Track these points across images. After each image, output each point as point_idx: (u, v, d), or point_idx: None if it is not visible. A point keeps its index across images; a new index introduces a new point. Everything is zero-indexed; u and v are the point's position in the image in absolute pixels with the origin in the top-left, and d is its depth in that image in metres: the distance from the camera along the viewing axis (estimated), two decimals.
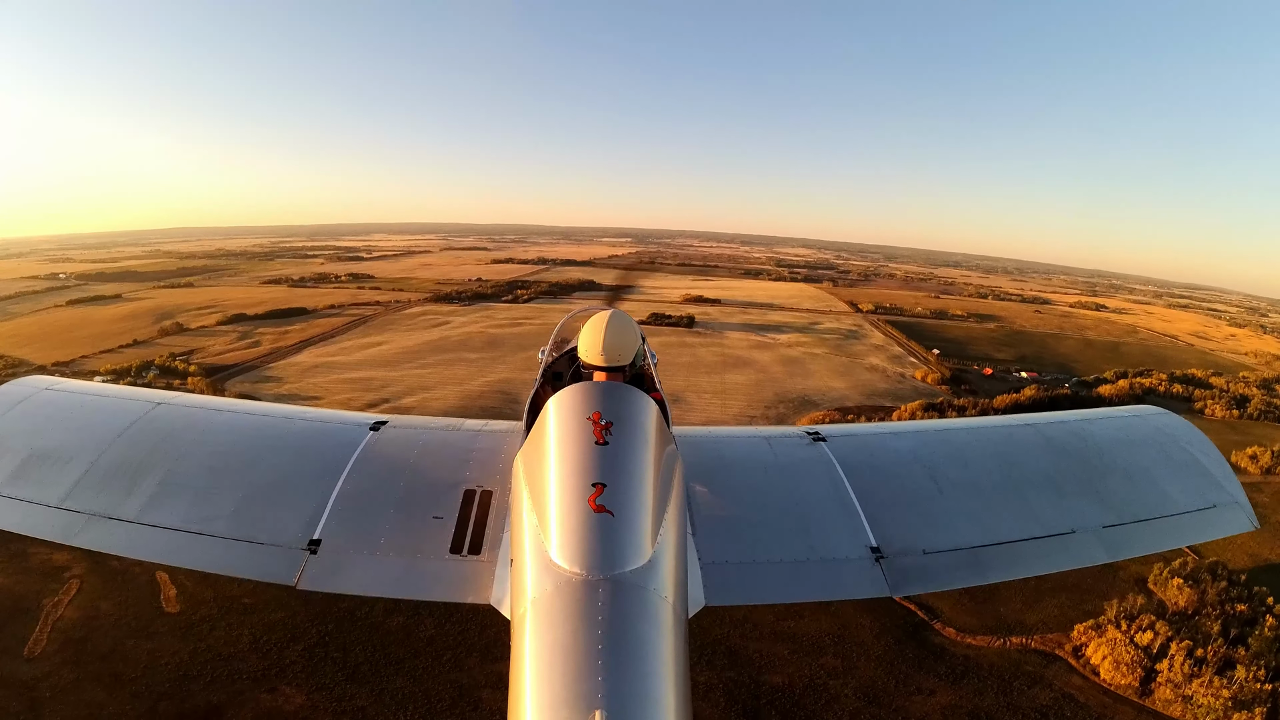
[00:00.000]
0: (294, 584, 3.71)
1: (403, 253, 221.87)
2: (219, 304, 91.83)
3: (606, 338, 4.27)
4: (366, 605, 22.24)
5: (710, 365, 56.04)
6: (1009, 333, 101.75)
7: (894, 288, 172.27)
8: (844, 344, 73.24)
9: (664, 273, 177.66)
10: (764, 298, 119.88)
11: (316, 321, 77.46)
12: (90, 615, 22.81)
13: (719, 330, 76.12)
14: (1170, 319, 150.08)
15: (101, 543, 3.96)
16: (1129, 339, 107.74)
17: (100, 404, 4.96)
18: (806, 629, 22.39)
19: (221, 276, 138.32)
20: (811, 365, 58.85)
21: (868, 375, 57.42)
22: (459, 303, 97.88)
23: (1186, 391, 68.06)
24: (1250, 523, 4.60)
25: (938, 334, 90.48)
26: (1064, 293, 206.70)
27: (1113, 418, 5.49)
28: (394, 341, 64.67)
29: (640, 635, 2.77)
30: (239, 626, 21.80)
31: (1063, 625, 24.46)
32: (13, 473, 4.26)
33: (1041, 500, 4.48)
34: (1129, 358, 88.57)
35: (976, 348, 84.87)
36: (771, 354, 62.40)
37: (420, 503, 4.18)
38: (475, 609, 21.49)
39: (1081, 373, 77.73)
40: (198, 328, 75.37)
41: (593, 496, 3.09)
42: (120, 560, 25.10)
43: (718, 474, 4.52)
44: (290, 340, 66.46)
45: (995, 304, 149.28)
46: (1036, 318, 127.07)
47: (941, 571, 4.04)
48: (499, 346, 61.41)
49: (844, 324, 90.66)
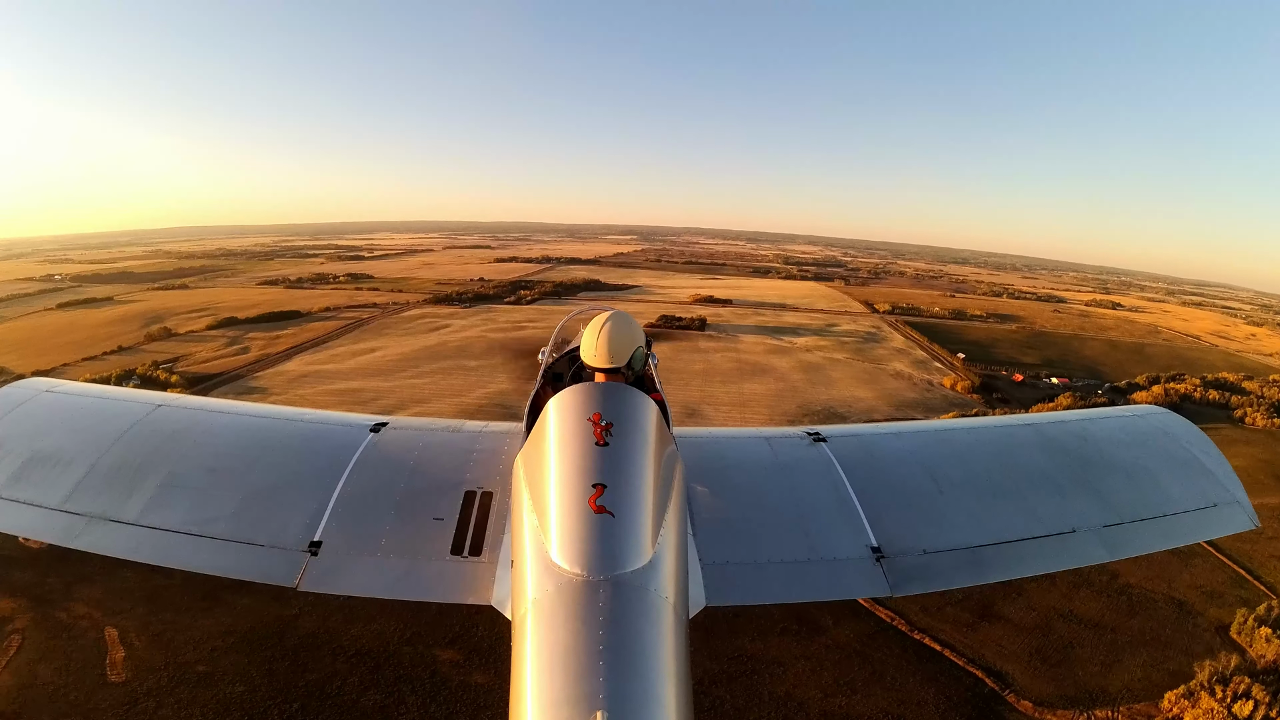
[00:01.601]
0: (295, 586, 3.71)
1: (405, 251, 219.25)
2: (212, 306, 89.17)
3: (607, 339, 4.22)
4: (338, 680, 18.86)
5: (726, 373, 52.48)
6: (1031, 334, 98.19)
7: (906, 286, 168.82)
8: (864, 348, 69.56)
9: (671, 271, 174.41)
10: (776, 297, 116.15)
11: (310, 325, 74.24)
12: (26, 683, 19.49)
13: (732, 333, 72.47)
14: (1188, 318, 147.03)
15: (102, 545, 3.95)
16: (1152, 340, 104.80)
17: (100, 406, 4.93)
18: (860, 708, 18.87)
19: (218, 277, 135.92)
20: (833, 372, 55.22)
21: (894, 383, 53.77)
22: (459, 304, 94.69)
23: (1223, 398, 64.35)
24: (1251, 522, 4.55)
25: (958, 336, 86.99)
26: (1077, 290, 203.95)
27: (1113, 417, 5.49)
28: (389, 348, 61.31)
29: (641, 636, 2.77)
30: (190, 703, 18.43)
31: (1150, 692, 20.93)
32: (13, 475, 4.25)
33: (1042, 500, 4.48)
34: (1156, 360, 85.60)
35: (1000, 351, 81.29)
36: (790, 360, 58.75)
37: (421, 504, 4.18)
38: (468, 685, 17.98)
39: (1111, 377, 75.94)
40: (186, 333, 72.56)
41: (593, 497, 3.09)
42: (69, 612, 22.07)
43: (718, 474, 4.51)
44: (281, 346, 63.24)
45: (1012, 303, 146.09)
46: (1056, 318, 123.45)
47: (942, 571, 4.01)
48: (499, 353, 58.04)
49: (862, 326, 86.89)
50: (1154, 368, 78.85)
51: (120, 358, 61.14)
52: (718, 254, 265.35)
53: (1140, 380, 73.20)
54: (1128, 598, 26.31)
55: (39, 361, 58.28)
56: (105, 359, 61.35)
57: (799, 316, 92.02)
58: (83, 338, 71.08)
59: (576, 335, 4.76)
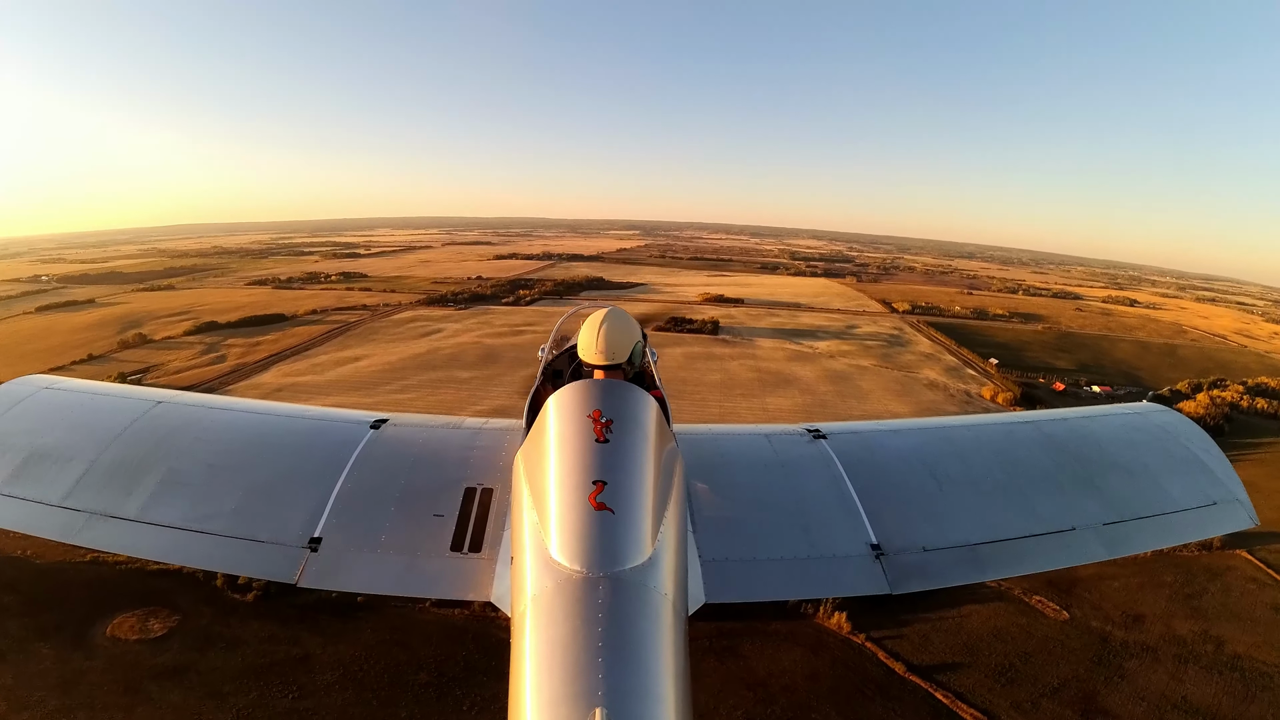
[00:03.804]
0: (294, 582, 3.70)
1: (403, 248, 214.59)
2: (194, 309, 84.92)
3: (604, 336, 4.21)
4: None
5: (746, 384, 47.53)
6: (1058, 335, 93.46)
7: (918, 282, 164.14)
8: (891, 353, 64.62)
9: (677, 267, 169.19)
10: (789, 296, 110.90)
11: (293, 330, 69.50)
12: None
13: (748, 337, 67.40)
14: (1207, 315, 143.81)
15: (102, 541, 3.95)
16: (1181, 340, 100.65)
17: (100, 403, 4.94)
18: None
19: (207, 277, 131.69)
20: (863, 382, 50.27)
21: (930, 394, 48.90)
22: (454, 305, 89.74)
23: (1271, 406, 60.16)
24: (1250, 520, 4.49)
25: (984, 337, 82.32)
26: (1089, 286, 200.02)
27: (1114, 415, 5.42)
28: (375, 356, 56.47)
29: (641, 632, 2.75)
30: None
31: None
32: (13, 472, 4.23)
33: (1042, 497, 4.46)
34: (1190, 363, 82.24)
35: (1032, 354, 76.48)
36: (814, 368, 53.75)
37: (421, 501, 4.19)
38: None
39: (1149, 382, 72.79)
40: (162, 339, 68.21)
41: (593, 494, 3.06)
42: None
43: (718, 471, 4.50)
44: (259, 354, 58.56)
45: (1030, 300, 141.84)
46: (1080, 317, 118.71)
47: (942, 568, 3.97)
48: (495, 362, 53.06)
49: (883, 327, 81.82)
50: (1189, 371, 76.28)
51: (88, 367, 56.84)
52: (722, 249, 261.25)
53: (1183, 388, 70.53)
54: (1240, 674, 21.91)
55: (3, 372, 53.76)
56: (73, 369, 56.98)
57: (816, 317, 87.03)
58: (55, 344, 67.04)
59: (576, 332, 4.63)
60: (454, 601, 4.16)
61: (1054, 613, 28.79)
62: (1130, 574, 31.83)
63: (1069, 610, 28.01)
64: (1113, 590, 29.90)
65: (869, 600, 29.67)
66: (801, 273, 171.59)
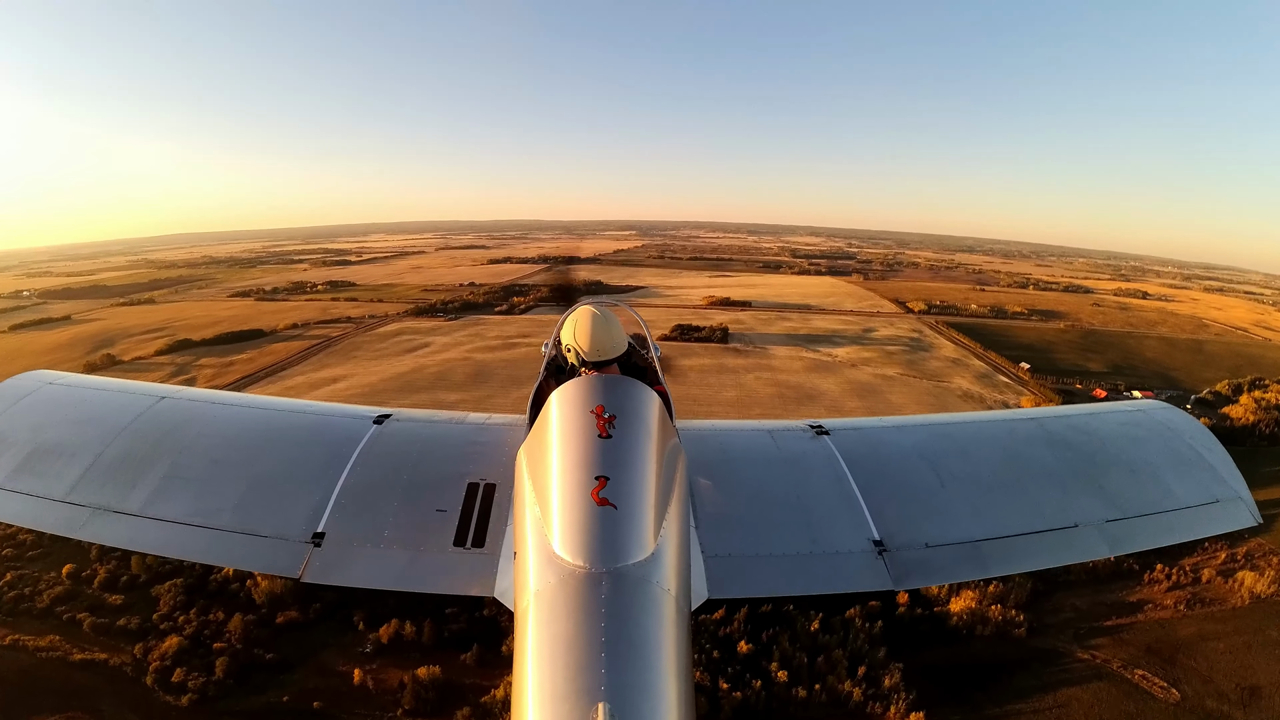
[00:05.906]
0: (298, 577, 3.71)
1: (395, 254, 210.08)
2: (171, 324, 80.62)
3: (590, 335, 4.24)
4: None
5: (765, 401, 42.75)
6: (1082, 333, 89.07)
7: (925, 279, 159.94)
8: (915, 359, 59.99)
9: (677, 268, 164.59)
10: (797, 297, 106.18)
11: (270, 347, 64.85)
12: None
13: (760, 345, 62.66)
14: (1219, 306, 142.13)
15: (105, 536, 3.99)
16: (1204, 335, 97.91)
17: (103, 398, 4.88)
18: None
19: (191, 289, 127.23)
20: (892, 395, 45.66)
21: (966, 407, 44.19)
22: (444, 315, 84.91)
23: None
24: (1253, 518, 4.42)
25: (1007, 337, 77.81)
26: (1096, 278, 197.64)
27: (1116, 412, 5.38)
28: (355, 375, 51.82)
29: (643, 628, 2.78)
30: None
31: None
32: (17, 466, 4.20)
33: (1044, 494, 4.38)
34: (1219, 360, 79.87)
35: (1060, 356, 72.00)
36: (837, 379, 48.98)
37: (424, 496, 4.12)
38: None
39: (1186, 383, 69.33)
40: (132, 360, 63.83)
41: (596, 489, 3.09)
42: None
43: (721, 467, 4.43)
44: (232, 375, 54.00)
45: (1044, 295, 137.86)
46: (1100, 313, 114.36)
47: (944, 565, 3.96)
48: (486, 381, 48.33)
49: (901, 330, 77.12)
50: (1221, 369, 74.44)
51: None
52: (721, 248, 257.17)
53: (1223, 389, 68.19)
54: None
55: None
56: None
57: (829, 320, 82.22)
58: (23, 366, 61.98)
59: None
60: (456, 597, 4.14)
61: (1162, 692, 24.35)
62: (1232, 630, 27.40)
63: (1177, 687, 23.53)
64: (1219, 655, 25.55)
65: (946, 690, 25.29)
66: (805, 271, 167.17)
